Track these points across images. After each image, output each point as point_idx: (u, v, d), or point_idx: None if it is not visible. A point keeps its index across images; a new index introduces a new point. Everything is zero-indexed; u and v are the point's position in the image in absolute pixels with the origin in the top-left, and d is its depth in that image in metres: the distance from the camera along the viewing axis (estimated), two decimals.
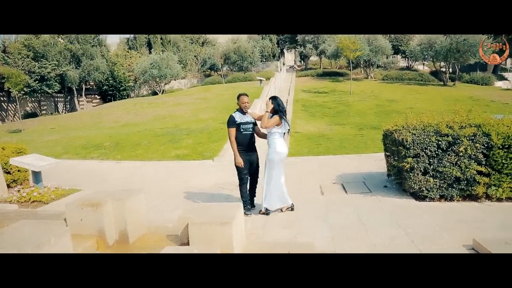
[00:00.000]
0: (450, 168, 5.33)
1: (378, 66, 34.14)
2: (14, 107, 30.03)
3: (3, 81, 23.06)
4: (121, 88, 35.78)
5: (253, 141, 5.55)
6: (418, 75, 31.17)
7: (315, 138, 11.40)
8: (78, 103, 34.63)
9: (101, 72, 33.45)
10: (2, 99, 30.27)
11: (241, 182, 5.52)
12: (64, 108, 35.07)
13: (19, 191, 6.87)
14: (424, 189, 5.48)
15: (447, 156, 5.36)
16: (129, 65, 37.53)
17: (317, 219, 5.04)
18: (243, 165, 5.34)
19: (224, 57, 37.76)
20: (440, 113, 6.18)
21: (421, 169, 5.47)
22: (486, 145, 5.25)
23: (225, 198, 6.53)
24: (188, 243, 3.49)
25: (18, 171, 7.43)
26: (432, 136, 5.41)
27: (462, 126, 5.44)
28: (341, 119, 15.16)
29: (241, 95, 5.51)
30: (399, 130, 5.72)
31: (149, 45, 41.93)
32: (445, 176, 5.38)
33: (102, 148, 12.22)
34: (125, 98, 34.15)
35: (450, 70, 30.14)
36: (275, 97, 5.44)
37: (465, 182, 5.35)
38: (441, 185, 5.44)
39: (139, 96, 37.08)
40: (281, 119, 5.22)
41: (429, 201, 5.50)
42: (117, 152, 11.56)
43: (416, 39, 32.49)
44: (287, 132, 5.45)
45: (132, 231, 3.95)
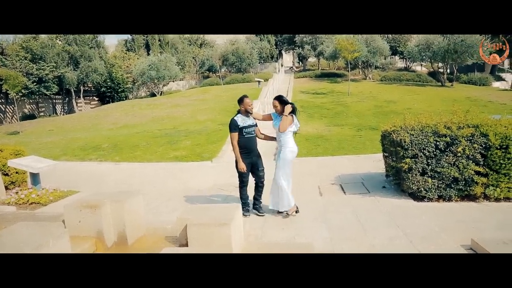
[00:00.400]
0: (448, 169, 5.34)
1: (376, 67, 34.18)
2: (12, 109, 30.00)
3: (1, 83, 23.07)
4: (119, 90, 35.78)
5: (255, 144, 5.43)
6: (416, 76, 31.22)
7: (313, 139, 11.41)
8: (76, 105, 34.61)
9: (99, 74, 33.46)
10: (0, 101, 30.23)
11: (241, 184, 5.44)
12: (62, 110, 35.05)
13: (17, 193, 6.86)
14: (422, 189, 5.49)
15: (445, 156, 5.37)
16: (127, 66, 37.54)
17: (315, 220, 5.05)
18: (245, 170, 5.24)
19: (222, 58, 37.77)
20: (438, 113, 6.21)
21: (419, 169, 5.48)
22: (484, 146, 5.26)
23: (224, 199, 6.53)
24: (186, 245, 3.49)
25: (16, 173, 7.42)
26: (430, 136, 5.42)
27: (460, 126, 5.46)
28: (339, 120, 15.18)
29: (244, 97, 5.38)
30: (397, 130, 5.73)
31: (147, 47, 41.95)
32: (443, 176, 5.39)
33: (101, 150, 12.21)
34: (123, 100, 34.16)
35: (448, 70, 30.21)
36: (281, 96, 5.36)
37: (463, 182, 5.36)
38: (439, 185, 5.45)
39: (137, 97, 37.07)
40: (293, 118, 5.20)
41: (427, 201, 5.51)
42: (115, 154, 11.55)
43: (414, 40, 32.60)
44: (297, 130, 5.37)
45: (131, 232, 3.95)
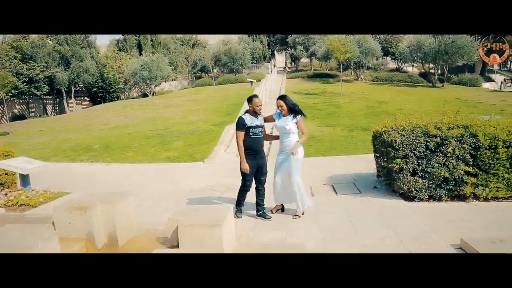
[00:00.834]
0: (439, 169, 5.39)
1: (368, 68, 34.34)
2: (2, 109, 29.63)
3: None
4: (111, 90, 35.54)
5: (262, 146, 5.24)
6: (407, 77, 31.43)
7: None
8: (67, 105, 34.32)
9: (90, 74, 33.21)
10: None
11: (243, 188, 5.26)
12: (53, 111, 34.73)
13: (6, 194, 6.78)
14: (413, 189, 5.53)
15: (435, 156, 5.42)
16: (119, 67, 37.29)
17: (307, 221, 5.06)
18: (249, 172, 5.07)
19: (215, 59, 37.68)
20: (429, 114, 6.26)
21: (410, 170, 5.52)
22: (473, 146, 5.32)
23: (216, 200, 6.52)
24: (178, 246, 3.48)
25: (6, 174, 7.33)
26: (421, 137, 5.47)
27: (450, 127, 5.51)
28: (331, 121, 15.23)
29: (253, 97, 5.19)
30: (388, 131, 5.77)
31: (139, 47, 41.70)
32: (434, 176, 5.44)
33: (92, 151, 12.11)
34: (115, 100, 33.93)
35: (439, 71, 30.47)
36: (285, 95, 5.31)
37: (453, 182, 5.42)
38: (429, 185, 5.49)
39: (129, 98, 36.84)
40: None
41: (418, 201, 5.56)
42: (107, 155, 11.47)
43: (405, 41, 32.81)
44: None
45: (122, 234, 3.93)
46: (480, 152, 5.29)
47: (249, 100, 5.17)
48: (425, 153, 5.45)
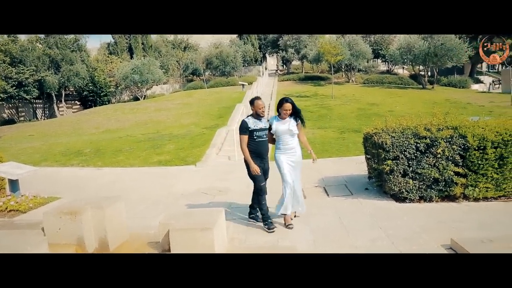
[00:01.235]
0: (429, 170, 5.43)
1: (359, 70, 34.62)
2: None
3: None
4: (101, 94, 35.33)
5: (267, 149, 5.03)
6: (398, 79, 31.74)
7: None
8: (58, 109, 34.01)
9: (81, 78, 32.96)
10: None
11: (260, 192, 4.90)
12: (43, 115, 34.38)
13: None
14: (404, 190, 5.57)
15: (425, 158, 5.46)
16: (110, 70, 37.09)
17: (299, 223, 5.06)
18: (259, 173, 4.79)
19: (206, 62, 37.68)
20: (419, 115, 6.32)
21: (401, 171, 5.55)
22: (462, 147, 5.37)
23: (208, 203, 6.49)
24: (169, 250, 3.47)
25: None
26: (411, 138, 5.51)
27: (440, 128, 5.56)
28: (323, 123, 15.29)
29: (255, 99, 4.98)
30: (379, 133, 5.81)
31: (130, 50, 41.50)
32: (424, 177, 5.48)
33: (83, 155, 12.01)
34: (106, 104, 33.72)
35: (429, 73, 30.82)
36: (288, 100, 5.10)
37: (443, 183, 5.46)
38: (420, 186, 5.53)
39: (120, 101, 36.65)
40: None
41: (409, 202, 5.59)
42: (98, 159, 11.38)
43: (396, 43, 33.13)
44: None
45: (113, 238, 3.90)
46: (469, 153, 5.34)
47: (252, 103, 4.97)
48: (415, 154, 5.49)
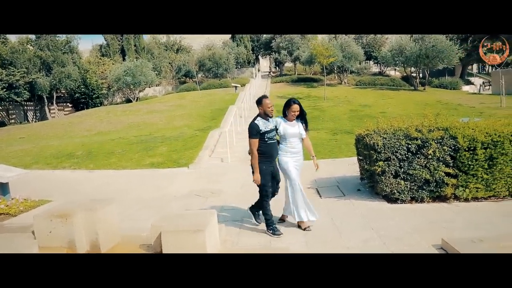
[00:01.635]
0: (420, 171, 5.47)
1: (351, 72, 34.75)
2: None
3: None
4: (94, 96, 35.07)
5: (277, 151, 4.87)
6: (390, 80, 31.94)
7: None
8: (49, 112, 33.71)
9: (73, 80, 32.66)
10: None
11: (265, 198, 4.75)
12: (34, 117, 34.05)
13: None
14: (395, 191, 5.61)
15: (416, 159, 5.51)
16: (102, 72, 36.84)
17: (291, 224, 5.07)
18: (260, 182, 4.66)
19: (199, 64, 37.59)
20: (410, 117, 6.37)
21: (392, 172, 5.59)
22: (453, 148, 5.42)
23: (201, 205, 6.48)
24: (161, 252, 3.45)
25: None
26: (402, 139, 5.55)
27: (431, 129, 5.61)
28: (315, 124, 15.33)
29: (263, 98, 4.77)
30: (371, 134, 5.85)
31: (123, 52, 41.26)
32: (415, 178, 5.52)
33: (74, 158, 11.92)
34: (98, 106, 33.48)
35: (420, 75, 31.05)
36: (296, 101, 4.93)
37: (434, 183, 5.51)
38: (411, 187, 5.57)
39: (112, 103, 36.42)
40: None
41: (400, 203, 5.63)
42: (89, 161, 11.31)
43: (387, 45, 33.36)
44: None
45: (104, 241, 3.87)
46: (460, 154, 5.39)
47: (259, 102, 4.75)
48: (406, 155, 5.54)
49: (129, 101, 33.86)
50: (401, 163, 5.57)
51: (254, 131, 4.62)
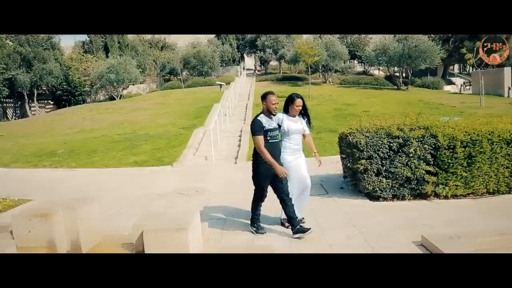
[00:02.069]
0: (401, 169, 5.56)
1: (335, 71, 35.05)
2: None
3: None
4: (76, 93, 34.53)
5: (280, 151, 4.60)
6: (373, 80, 32.35)
7: None
8: (30, 109, 33.04)
9: (54, 77, 32.10)
10: None
11: (258, 200, 4.66)
12: (14, 114, 33.36)
13: None
14: (377, 189, 5.68)
15: (398, 157, 5.59)
16: (84, 69, 36.28)
17: (274, 222, 5.09)
18: (287, 174, 4.40)
19: (184, 61, 37.39)
20: (392, 116, 6.46)
21: (374, 170, 5.66)
22: (433, 146, 5.52)
23: (185, 204, 6.45)
24: (143, 251, 3.42)
25: None
26: (384, 138, 5.63)
27: (412, 128, 5.70)
28: None
29: (268, 94, 4.51)
30: (353, 133, 5.91)
31: (106, 49, 40.72)
32: (397, 176, 5.60)
33: (56, 156, 11.72)
34: (80, 104, 32.97)
35: (403, 74, 31.51)
36: (299, 96, 4.76)
37: (415, 181, 5.60)
38: (393, 185, 5.66)
39: (95, 101, 35.92)
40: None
41: (382, 201, 5.71)
42: (71, 160, 11.13)
43: (371, 45, 33.77)
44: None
45: (85, 241, 3.82)
46: (440, 152, 5.50)
47: (264, 97, 4.52)
48: (388, 153, 5.61)
49: (112, 98, 33.43)
50: (383, 161, 5.64)
51: (257, 127, 4.38)
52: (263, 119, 4.45)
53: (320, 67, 32.26)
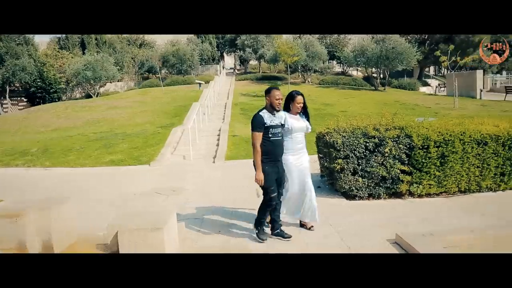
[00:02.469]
0: (377, 168, 5.65)
1: (315, 71, 35.34)
2: None
3: None
4: (51, 91, 33.59)
5: (283, 150, 4.42)
6: (352, 80, 32.78)
7: None
8: (1, 106, 31.99)
9: (28, 73, 31.11)
10: None
11: (268, 203, 4.29)
12: None
13: None
14: (354, 188, 5.76)
15: (374, 156, 5.68)
16: (60, 66, 35.31)
17: (251, 222, 5.08)
18: (263, 182, 4.16)
19: (163, 59, 36.91)
20: (369, 116, 6.57)
21: (351, 169, 5.74)
22: (408, 146, 5.64)
23: (162, 203, 6.39)
24: (118, 251, 3.37)
25: None
26: (361, 138, 5.71)
27: (388, 128, 5.81)
28: None
29: (272, 89, 4.32)
30: (330, 133, 5.97)
31: (83, 45, 39.78)
32: (373, 175, 5.70)
33: (29, 155, 11.40)
34: (55, 101, 32.09)
35: (381, 75, 32.09)
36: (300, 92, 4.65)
37: (391, 180, 5.71)
38: (369, 184, 5.75)
39: (71, 99, 35.05)
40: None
41: (358, 199, 5.80)
42: (45, 159, 10.85)
43: (350, 46, 34.22)
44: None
45: (58, 241, 3.72)
46: (414, 152, 5.62)
47: (268, 92, 4.31)
48: (364, 153, 5.70)
49: (89, 96, 32.70)
50: (359, 161, 5.73)
51: (257, 124, 4.17)
52: (265, 114, 4.23)
53: (299, 67, 32.48)
